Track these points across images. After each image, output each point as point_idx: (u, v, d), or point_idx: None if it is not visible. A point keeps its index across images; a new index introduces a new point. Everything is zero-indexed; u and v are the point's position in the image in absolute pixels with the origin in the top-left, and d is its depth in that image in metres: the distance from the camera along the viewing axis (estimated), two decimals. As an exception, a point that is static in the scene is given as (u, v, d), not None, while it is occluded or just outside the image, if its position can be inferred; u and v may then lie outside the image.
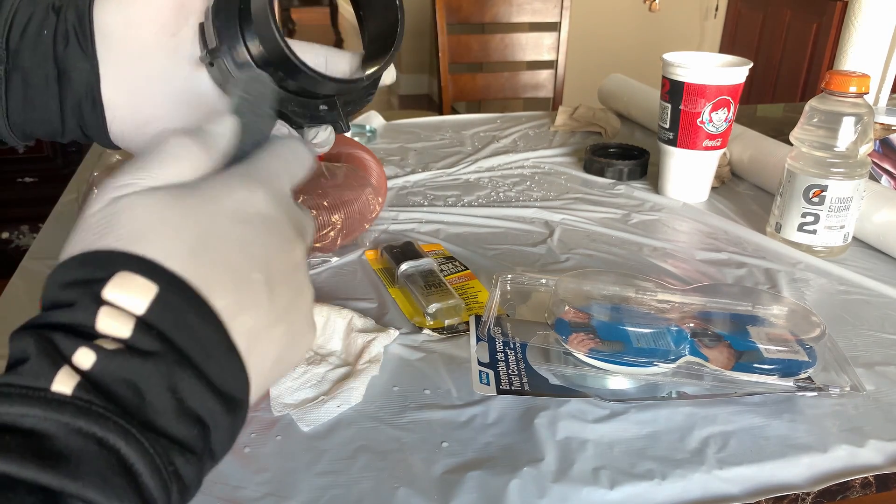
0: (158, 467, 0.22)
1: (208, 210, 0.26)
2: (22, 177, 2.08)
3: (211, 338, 0.25)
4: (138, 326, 0.24)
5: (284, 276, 0.28)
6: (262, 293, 0.27)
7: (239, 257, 0.26)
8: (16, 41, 0.37)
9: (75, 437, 0.21)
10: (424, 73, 4.17)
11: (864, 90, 0.70)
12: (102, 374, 0.23)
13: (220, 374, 0.25)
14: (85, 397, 0.22)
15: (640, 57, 2.77)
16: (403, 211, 0.84)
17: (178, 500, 0.24)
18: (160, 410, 0.23)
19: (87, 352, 0.23)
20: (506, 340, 0.56)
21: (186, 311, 0.25)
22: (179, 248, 0.25)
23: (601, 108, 1.22)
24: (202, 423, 0.24)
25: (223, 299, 0.25)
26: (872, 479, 0.46)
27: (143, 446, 0.22)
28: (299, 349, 0.30)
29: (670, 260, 0.74)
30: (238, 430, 0.27)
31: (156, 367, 0.23)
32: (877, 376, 0.55)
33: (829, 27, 2.03)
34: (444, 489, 0.43)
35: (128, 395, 0.23)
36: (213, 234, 0.26)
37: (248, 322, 0.26)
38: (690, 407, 0.51)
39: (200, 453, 0.25)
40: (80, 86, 0.37)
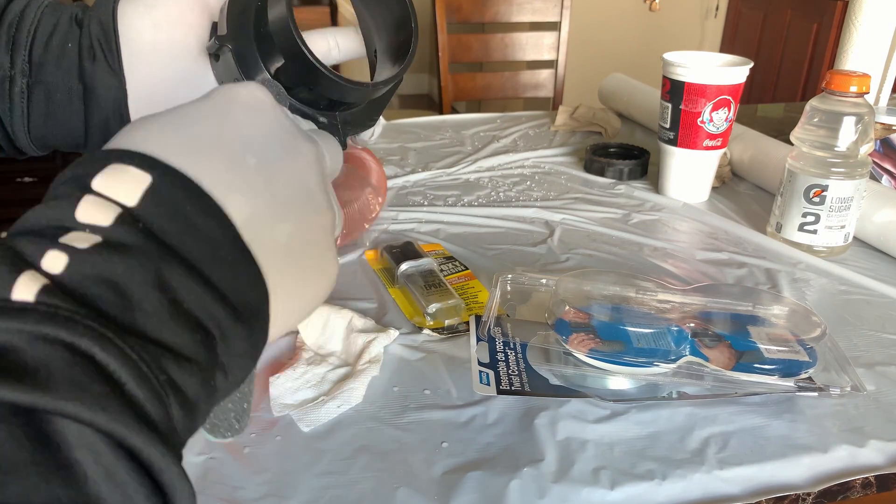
0: (146, 375, 0.20)
1: (204, 108, 0.26)
2: (21, 177, 2.08)
3: (214, 234, 0.23)
4: (122, 217, 0.21)
5: (287, 175, 0.26)
6: (257, 178, 0.25)
7: (235, 145, 0.25)
8: (39, 54, 0.36)
9: (41, 346, 0.18)
10: (424, 73, 4.17)
11: (865, 90, 0.70)
12: (75, 275, 0.20)
13: (226, 274, 0.23)
14: (49, 301, 0.19)
15: (641, 56, 2.77)
16: (403, 211, 0.84)
17: (183, 415, 0.21)
18: (147, 312, 0.20)
19: (56, 254, 0.20)
20: (506, 340, 0.55)
21: (185, 203, 0.22)
22: (178, 140, 0.23)
23: (601, 107, 1.21)
24: (203, 330, 0.22)
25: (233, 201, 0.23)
26: (873, 479, 0.46)
27: (122, 351, 0.19)
28: (321, 271, 0.28)
29: (671, 260, 0.74)
30: (258, 345, 0.24)
31: (139, 261, 0.21)
32: (877, 376, 0.55)
33: (829, 27, 2.02)
34: (444, 489, 0.43)
35: (106, 295, 0.20)
36: (209, 128, 0.25)
37: (239, 200, 0.24)
38: (691, 407, 0.51)
39: (205, 364, 0.22)
40: (108, 102, 0.37)
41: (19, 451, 0.17)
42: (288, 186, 0.26)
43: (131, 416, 0.19)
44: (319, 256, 0.28)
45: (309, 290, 0.28)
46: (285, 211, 0.26)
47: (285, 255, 0.26)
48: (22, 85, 0.36)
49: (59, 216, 0.21)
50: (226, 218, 0.23)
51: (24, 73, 0.36)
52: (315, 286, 0.28)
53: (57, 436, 0.18)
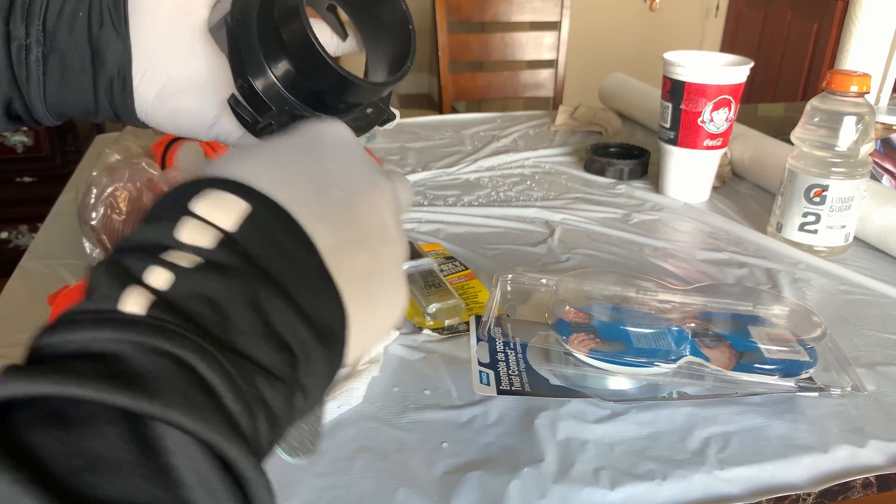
0: (241, 389, 0.21)
1: (295, 144, 0.28)
2: (21, 176, 2.08)
3: (303, 261, 0.24)
4: (222, 241, 0.22)
5: (368, 208, 0.28)
6: (342, 209, 0.26)
7: (323, 178, 0.27)
8: (52, 23, 0.37)
9: (150, 357, 0.20)
10: (424, 73, 4.17)
11: (865, 90, 0.70)
12: (177, 292, 0.21)
13: (312, 299, 0.24)
14: (158, 316, 0.20)
15: (641, 56, 2.77)
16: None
17: (268, 430, 0.22)
18: (241, 329, 0.22)
19: (160, 271, 0.21)
20: (506, 340, 0.55)
21: (278, 231, 0.24)
22: (272, 172, 0.25)
23: (602, 107, 1.21)
24: (290, 351, 0.23)
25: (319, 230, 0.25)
26: (873, 479, 0.46)
27: (222, 366, 0.20)
28: (392, 300, 0.29)
29: (671, 260, 0.74)
30: (335, 369, 0.25)
31: (237, 282, 0.22)
32: (878, 376, 0.55)
33: (829, 26, 2.02)
34: (444, 489, 0.43)
35: (206, 312, 0.21)
36: (300, 162, 0.27)
37: (325, 230, 0.25)
38: (691, 407, 0.51)
39: (289, 383, 0.23)
40: (113, 66, 0.38)
41: (125, 453, 0.18)
42: (368, 219, 0.28)
43: (228, 428, 0.20)
44: (392, 286, 0.29)
45: (381, 317, 0.29)
46: (365, 242, 0.27)
47: (363, 284, 0.27)
48: (38, 53, 0.37)
49: (162, 236, 0.23)
50: (313, 246, 0.24)
51: (39, 42, 0.37)
52: (387, 314, 0.29)
53: (159, 441, 0.19)
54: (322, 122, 0.30)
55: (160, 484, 0.18)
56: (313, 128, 0.29)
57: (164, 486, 0.18)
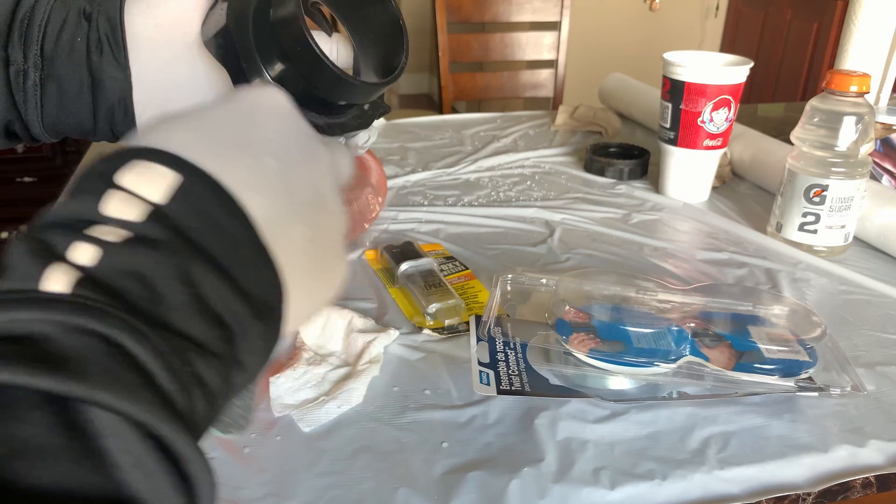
0: (174, 367, 0.20)
1: (227, 111, 0.26)
2: (21, 177, 2.08)
3: (236, 233, 0.23)
4: (151, 213, 0.21)
5: (304, 178, 0.27)
6: (276, 179, 0.25)
7: (256, 146, 0.26)
8: (51, 48, 0.37)
9: (75, 336, 0.19)
10: (424, 73, 4.17)
11: (865, 89, 0.70)
12: (104, 268, 0.20)
13: (247, 273, 0.23)
14: (82, 293, 0.19)
15: (641, 56, 2.77)
16: (403, 211, 0.84)
17: (205, 408, 0.21)
18: (173, 305, 0.21)
19: (87, 246, 0.20)
20: (506, 340, 0.55)
21: (210, 202, 0.23)
22: (203, 142, 0.24)
23: (601, 107, 1.21)
24: (225, 326, 0.22)
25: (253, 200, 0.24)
26: (873, 479, 0.46)
27: (153, 343, 0.20)
28: (331, 273, 0.28)
29: (671, 260, 0.74)
30: (272, 343, 0.25)
31: (167, 257, 0.21)
32: (878, 376, 0.55)
33: (829, 26, 2.02)
34: (444, 489, 0.43)
35: (134, 288, 0.20)
36: (232, 130, 0.26)
37: (259, 201, 0.24)
38: (691, 407, 0.51)
39: (226, 359, 0.22)
40: (113, 94, 0.38)
41: (53, 438, 0.17)
42: (305, 189, 0.27)
43: (161, 406, 0.19)
44: (331, 258, 0.28)
45: (320, 290, 0.28)
46: (301, 213, 0.26)
47: (300, 256, 0.26)
48: (35, 78, 0.37)
49: (86, 210, 0.21)
50: (247, 218, 0.24)
51: (36, 67, 0.37)
52: (325, 287, 0.29)
53: (88, 424, 0.18)
54: (257, 89, 0.28)
55: (91, 467, 0.17)
56: (247, 94, 0.28)
57: (96, 469, 0.17)
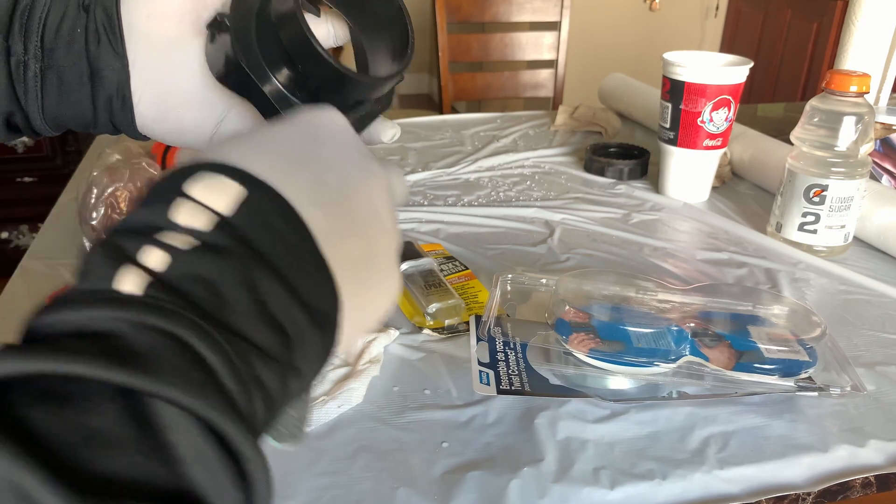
0: (237, 368, 0.21)
1: (290, 130, 0.28)
2: (21, 176, 2.08)
3: (298, 245, 0.24)
4: (218, 223, 0.23)
5: (362, 195, 0.28)
6: (336, 195, 0.27)
7: (317, 164, 0.27)
8: (51, 40, 0.37)
9: (147, 335, 0.20)
10: (424, 73, 4.17)
11: (865, 89, 0.70)
12: (173, 272, 0.21)
13: (306, 282, 0.24)
14: (154, 294, 0.21)
15: (641, 56, 2.77)
16: (403, 211, 0.84)
17: (263, 411, 0.22)
18: (237, 310, 0.22)
19: (155, 251, 0.21)
20: (506, 340, 0.55)
21: (273, 215, 0.24)
22: (268, 158, 0.25)
23: (601, 107, 1.21)
24: (284, 333, 0.23)
25: (314, 214, 0.25)
26: (873, 479, 0.46)
27: (219, 344, 0.20)
28: (385, 286, 0.29)
29: (671, 260, 0.74)
30: (328, 352, 0.26)
31: (232, 264, 0.22)
32: (877, 376, 0.55)
33: (829, 26, 2.02)
34: (444, 489, 0.43)
35: (201, 292, 0.21)
36: (295, 148, 0.27)
37: (319, 215, 0.25)
38: (691, 407, 0.51)
39: (284, 365, 0.23)
40: (111, 84, 0.38)
41: (122, 428, 0.18)
42: (361, 205, 0.28)
43: (224, 405, 0.20)
44: (385, 273, 0.29)
45: (374, 303, 0.29)
46: (358, 228, 0.28)
47: (356, 269, 0.27)
48: (35, 69, 0.38)
49: (157, 218, 0.23)
50: (308, 230, 0.25)
51: (37, 58, 0.37)
52: (380, 300, 0.30)
53: (156, 418, 0.19)
54: (317, 110, 0.30)
55: (157, 459, 0.18)
56: (308, 115, 0.29)
57: (162, 461, 0.18)
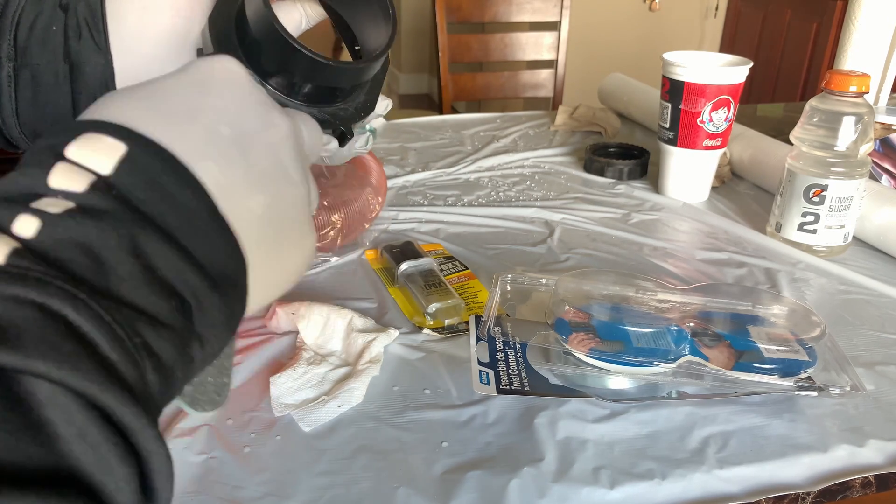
0: (119, 337, 0.19)
1: (179, 81, 0.26)
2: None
3: (189, 203, 0.22)
4: (96, 184, 0.21)
5: (262, 147, 0.26)
6: (231, 148, 0.25)
7: (210, 116, 0.25)
8: (24, 38, 0.36)
9: (11, 307, 0.18)
10: (424, 73, 4.17)
11: (865, 89, 0.70)
12: (47, 238, 0.20)
13: (201, 243, 0.22)
14: (19, 263, 0.19)
15: (641, 56, 2.77)
16: (403, 211, 0.84)
17: (158, 380, 0.21)
18: (120, 276, 0.20)
19: (27, 218, 0.20)
20: (506, 340, 0.55)
21: (160, 172, 0.22)
22: (152, 112, 0.23)
23: (601, 107, 1.21)
24: (179, 297, 0.22)
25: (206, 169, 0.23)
26: (872, 478, 0.46)
27: (95, 312, 0.19)
28: (297, 244, 0.28)
29: (670, 259, 0.74)
30: (235, 316, 0.24)
31: (112, 227, 0.21)
32: (877, 376, 0.55)
33: (829, 26, 2.03)
34: (444, 489, 0.43)
35: (79, 259, 0.20)
36: (185, 100, 0.25)
37: (213, 169, 0.24)
38: (690, 407, 0.51)
39: (181, 331, 0.22)
40: (95, 80, 0.37)
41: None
42: (262, 158, 0.26)
43: (104, 376, 0.18)
44: (296, 229, 0.28)
45: (287, 262, 0.28)
46: (260, 182, 0.26)
47: (262, 227, 0.26)
48: (9, 69, 0.36)
49: (32, 183, 0.21)
50: (201, 187, 0.23)
51: (10, 58, 0.36)
52: (293, 259, 0.28)
53: (28, 395, 0.17)
54: (210, 58, 0.28)
55: (31, 439, 0.17)
56: (200, 63, 0.27)
57: (36, 441, 0.17)
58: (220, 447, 0.46)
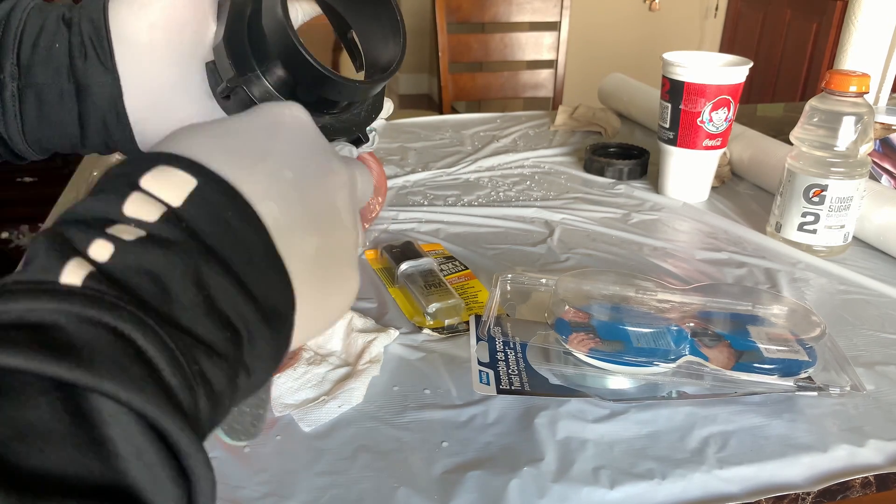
0: (180, 363, 0.20)
1: (249, 123, 0.27)
2: (22, 177, 2.08)
3: (250, 239, 0.24)
4: (167, 216, 0.22)
5: (320, 192, 0.28)
6: (292, 190, 0.26)
7: (275, 158, 0.26)
8: (27, 56, 0.36)
9: (85, 327, 0.19)
10: (424, 73, 4.17)
11: (865, 89, 0.70)
12: (117, 264, 0.21)
13: (257, 278, 0.24)
14: (96, 287, 0.20)
15: (641, 56, 2.77)
16: (403, 211, 0.84)
17: (208, 407, 0.21)
18: (183, 304, 0.21)
19: (103, 243, 0.21)
20: (506, 340, 0.55)
21: (225, 208, 0.23)
22: (223, 151, 0.25)
23: (601, 107, 1.21)
24: (233, 329, 0.22)
25: (268, 209, 0.24)
26: (872, 478, 0.46)
27: (161, 339, 0.20)
28: (342, 285, 0.29)
29: (670, 259, 0.74)
30: (281, 351, 0.25)
31: (179, 257, 0.22)
32: (877, 376, 0.55)
33: (829, 26, 2.03)
34: (444, 489, 0.43)
35: (145, 285, 0.21)
36: (253, 141, 0.26)
37: (274, 209, 0.25)
38: (690, 407, 0.51)
39: (232, 361, 0.22)
40: (103, 100, 0.37)
41: (58, 423, 0.18)
42: (319, 202, 0.28)
43: (165, 400, 0.19)
44: (343, 271, 0.29)
45: (331, 302, 0.29)
46: (315, 225, 0.27)
47: (312, 267, 0.27)
48: (13, 88, 0.36)
49: (107, 209, 0.22)
50: (261, 225, 0.24)
51: (13, 77, 0.36)
52: (337, 299, 0.29)
53: (93, 412, 0.18)
54: (279, 104, 0.29)
55: (93, 455, 0.18)
56: (269, 108, 0.29)
57: (98, 456, 0.18)
58: (221, 447, 0.46)
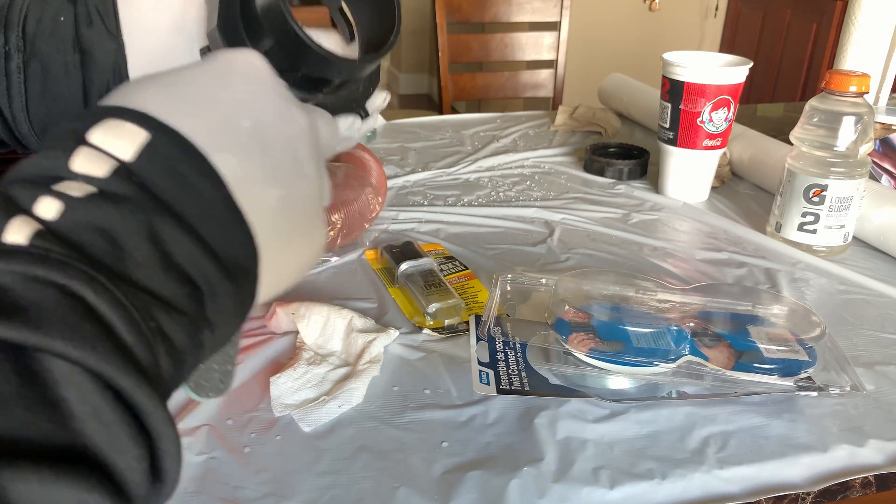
0: (136, 320, 0.20)
1: (202, 72, 0.26)
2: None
3: (207, 192, 0.23)
4: (117, 170, 0.21)
5: (279, 140, 0.27)
6: (250, 140, 0.25)
7: (230, 107, 0.26)
8: (32, 28, 0.36)
9: (32, 286, 0.18)
10: (424, 73, 4.17)
11: (865, 89, 0.70)
12: (68, 221, 0.20)
13: (217, 232, 0.23)
14: (43, 245, 0.19)
15: (641, 56, 2.77)
16: (403, 211, 0.84)
17: (170, 365, 0.21)
18: (137, 261, 0.21)
19: (50, 201, 0.20)
20: (506, 340, 0.55)
21: (179, 161, 0.23)
22: (175, 101, 0.24)
23: (601, 107, 1.22)
24: (192, 284, 0.22)
25: (225, 160, 0.24)
26: (872, 478, 0.46)
27: (113, 295, 0.19)
28: (308, 237, 0.28)
29: (670, 259, 0.74)
30: (246, 305, 0.25)
31: (132, 213, 0.21)
32: (877, 376, 0.55)
33: (829, 26, 2.03)
34: (444, 489, 0.43)
35: (99, 243, 0.20)
36: (206, 91, 0.25)
37: (232, 161, 0.24)
38: (690, 407, 0.51)
39: (193, 317, 0.22)
40: (106, 66, 0.37)
41: (6, 385, 0.17)
42: (279, 151, 0.27)
43: (120, 358, 0.19)
44: (308, 222, 0.28)
45: (297, 254, 0.28)
46: (276, 175, 0.26)
47: (275, 218, 0.26)
48: (18, 60, 0.36)
49: (54, 166, 0.21)
50: (219, 177, 0.23)
51: (19, 49, 0.36)
52: (303, 251, 0.29)
53: (45, 373, 0.18)
54: (232, 51, 0.28)
55: (47, 416, 0.17)
56: (223, 56, 0.28)
57: (52, 418, 0.17)
58: (220, 447, 0.46)
